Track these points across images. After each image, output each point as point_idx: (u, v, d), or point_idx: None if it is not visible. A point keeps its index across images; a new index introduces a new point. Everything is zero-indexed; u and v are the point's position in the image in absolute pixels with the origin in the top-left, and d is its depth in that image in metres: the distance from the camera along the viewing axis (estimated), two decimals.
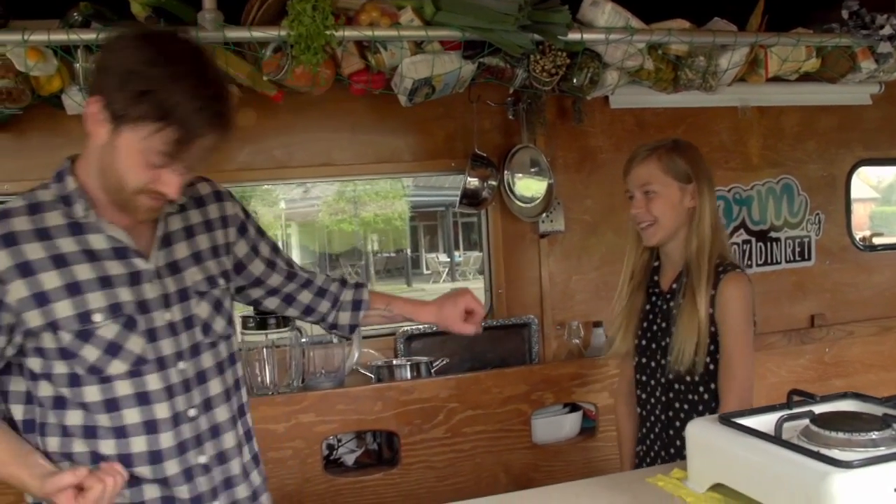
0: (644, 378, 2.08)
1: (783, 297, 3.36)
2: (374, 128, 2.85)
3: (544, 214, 2.95)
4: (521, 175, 2.97)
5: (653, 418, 2.05)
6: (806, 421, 1.32)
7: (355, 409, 2.50)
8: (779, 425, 1.28)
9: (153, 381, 1.45)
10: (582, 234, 3.06)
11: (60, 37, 2.09)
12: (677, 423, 1.95)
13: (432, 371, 2.71)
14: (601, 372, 2.73)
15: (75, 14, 2.16)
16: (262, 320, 2.52)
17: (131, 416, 1.44)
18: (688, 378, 1.94)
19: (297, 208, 20.63)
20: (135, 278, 1.46)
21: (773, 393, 2.15)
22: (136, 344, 1.44)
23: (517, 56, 2.45)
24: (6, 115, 2.36)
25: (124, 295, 1.44)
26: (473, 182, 2.80)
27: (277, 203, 20.11)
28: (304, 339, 2.59)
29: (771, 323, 3.25)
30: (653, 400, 2.05)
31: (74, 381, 1.42)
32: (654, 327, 2.05)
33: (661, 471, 1.54)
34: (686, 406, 1.96)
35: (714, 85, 2.74)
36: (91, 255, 1.43)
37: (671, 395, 1.98)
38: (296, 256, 21.97)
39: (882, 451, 1.23)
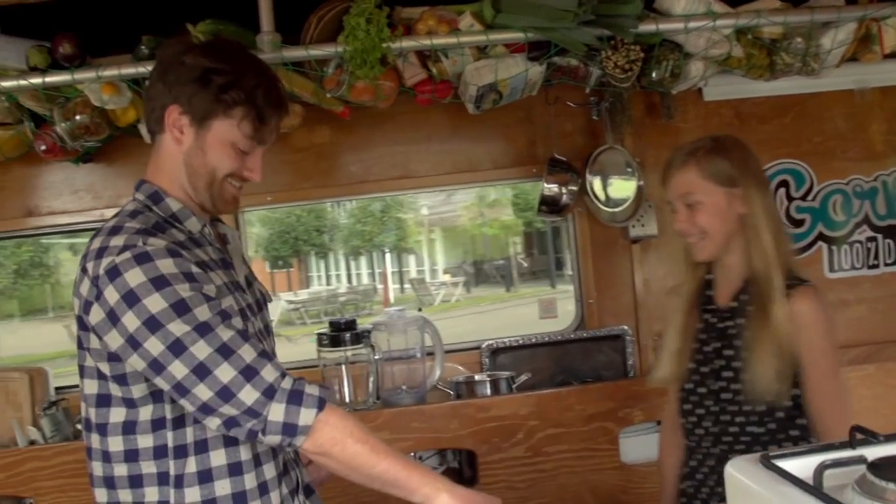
0: (689, 406, 1.86)
1: None
2: (450, 137, 2.79)
3: (634, 219, 2.76)
4: (615, 177, 2.80)
5: (702, 453, 1.83)
6: (862, 467, 1.12)
7: (431, 427, 2.44)
8: (818, 473, 1.09)
9: None
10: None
11: (129, 70, 2.19)
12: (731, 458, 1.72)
13: (513, 387, 2.61)
14: None
15: (143, 47, 2.24)
16: (336, 337, 2.52)
17: None
18: (760, 408, 1.72)
19: (440, 214, 20.97)
20: (238, 286, 1.53)
21: None
22: None
23: (581, 54, 2.31)
24: (93, 148, 2.50)
25: (239, 302, 1.50)
26: (552, 188, 2.68)
27: (419, 209, 20.52)
28: (376, 357, 2.56)
29: None
30: (701, 430, 1.83)
31: None
32: (707, 349, 1.84)
33: None
34: (746, 438, 1.73)
35: (817, 68, 2.47)
36: (212, 265, 1.48)
37: (723, 426, 1.77)
38: (440, 261, 22.38)
39: None
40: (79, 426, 2.43)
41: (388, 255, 21.75)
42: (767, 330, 1.67)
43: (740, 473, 1.22)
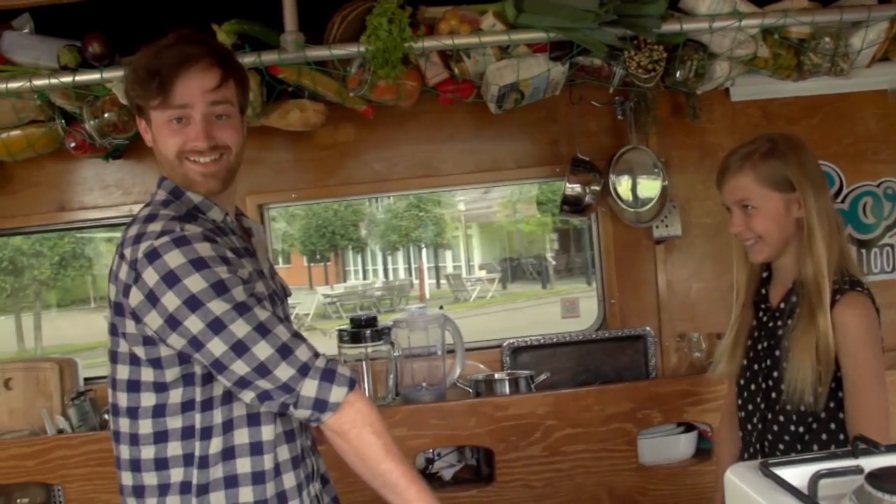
0: (741, 402, 1.88)
1: None
2: (473, 136, 2.79)
3: (658, 219, 2.74)
4: (643, 176, 2.78)
5: (752, 448, 1.85)
6: (861, 478, 1.10)
7: (449, 424, 2.45)
8: (812, 483, 1.08)
9: None
10: (703, 238, 2.82)
11: None
12: (778, 455, 1.73)
13: (532, 386, 2.61)
14: (716, 390, 2.49)
15: None
16: (356, 333, 2.55)
17: None
18: (801, 408, 1.71)
19: (476, 209, 20.96)
20: (262, 275, 1.57)
21: None
22: None
23: (603, 54, 2.30)
24: (122, 145, 2.55)
25: (268, 287, 1.55)
26: (575, 188, 2.67)
27: (456, 205, 20.54)
28: (395, 353, 2.58)
29: None
30: (750, 426, 1.85)
31: None
32: (759, 346, 1.84)
33: None
34: (787, 437, 1.74)
35: (846, 68, 2.43)
36: (241, 252, 1.53)
37: (767, 423, 1.78)
38: (476, 257, 22.38)
39: None
40: (106, 416, 2.49)
41: (424, 251, 21.82)
42: (810, 336, 1.66)
43: (738, 479, 1.22)
